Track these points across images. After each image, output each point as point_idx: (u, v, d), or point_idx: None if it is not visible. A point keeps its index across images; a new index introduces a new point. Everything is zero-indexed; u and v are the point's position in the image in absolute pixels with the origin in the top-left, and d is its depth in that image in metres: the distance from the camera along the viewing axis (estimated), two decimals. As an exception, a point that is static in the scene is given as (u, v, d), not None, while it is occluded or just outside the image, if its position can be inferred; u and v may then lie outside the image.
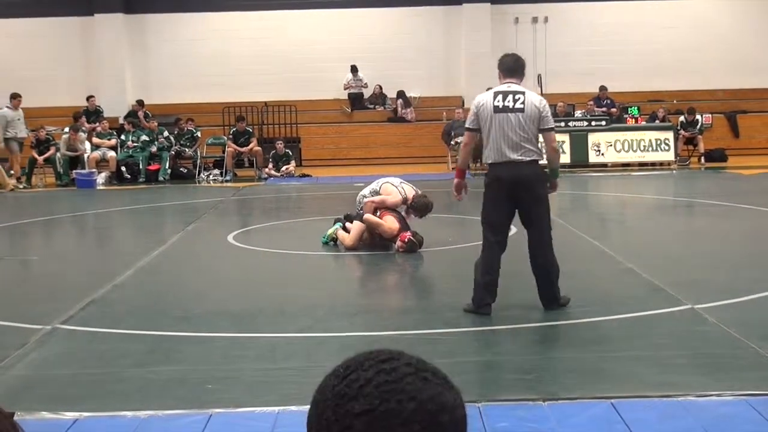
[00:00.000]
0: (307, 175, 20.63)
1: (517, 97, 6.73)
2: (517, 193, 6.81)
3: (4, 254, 10.78)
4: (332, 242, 10.25)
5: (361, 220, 9.94)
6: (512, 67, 6.95)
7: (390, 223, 9.80)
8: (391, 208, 10.02)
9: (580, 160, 20.36)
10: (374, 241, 10.04)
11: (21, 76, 24.28)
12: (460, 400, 1.22)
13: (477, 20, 24.73)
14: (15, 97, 20.12)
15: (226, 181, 20.03)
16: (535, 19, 25.20)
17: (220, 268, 9.54)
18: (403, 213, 10.08)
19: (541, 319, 6.65)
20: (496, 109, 6.72)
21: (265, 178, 20.14)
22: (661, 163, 20.69)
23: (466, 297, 6.92)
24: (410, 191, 10.09)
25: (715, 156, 21.56)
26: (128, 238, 12.78)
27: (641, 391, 4.99)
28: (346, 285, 8.77)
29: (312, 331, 6.48)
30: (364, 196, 10.23)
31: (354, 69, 24.59)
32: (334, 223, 10.44)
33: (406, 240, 9.61)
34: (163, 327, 6.70)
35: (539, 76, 22.68)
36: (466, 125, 7.06)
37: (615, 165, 20.57)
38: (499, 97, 6.76)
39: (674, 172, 19.94)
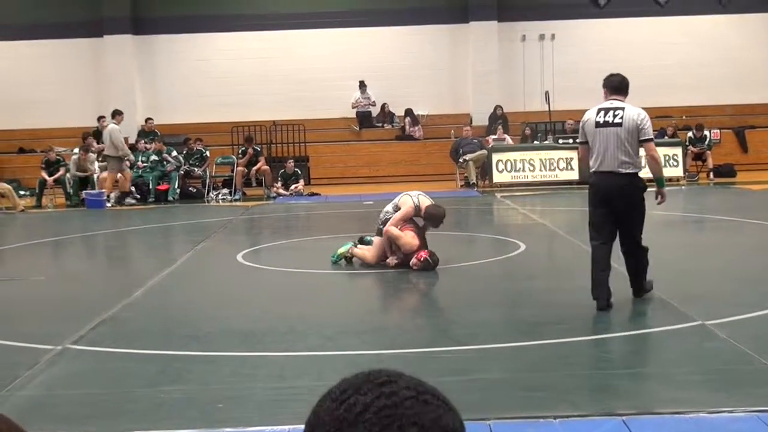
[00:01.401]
0: (316, 194, 20.67)
1: (617, 112, 7.41)
2: (611, 200, 7.40)
3: (15, 275, 10.81)
4: (343, 261, 10.23)
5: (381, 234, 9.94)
6: (617, 86, 7.65)
7: (410, 238, 9.74)
8: (410, 223, 9.94)
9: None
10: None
11: (31, 97, 24.52)
12: (460, 422, 1.19)
13: (484, 38, 24.82)
14: (119, 113, 20.24)
15: (236, 200, 20.08)
16: (542, 36, 25.27)
17: (230, 287, 9.55)
18: (420, 224, 10.02)
19: (550, 335, 6.63)
20: (598, 125, 7.41)
21: (274, 197, 20.18)
22: (670, 179, 20.64)
23: (474, 314, 6.92)
24: (425, 201, 10.03)
25: (724, 171, 21.53)
26: (138, 257, 12.81)
27: (652, 407, 4.98)
28: (355, 303, 8.76)
29: (322, 350, 6.48)
30: (387, 212, 10.17)
31: (362, 85, 24.67)
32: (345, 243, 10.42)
33: (422, 258, 9.57)
34: (174, 347, 6.71)
35: (546, 93, 22.72)
36: (579, 138, 7.81)
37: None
38: (602, 113, 7.44)
39: (683, 187, 19.92)
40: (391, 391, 1.16)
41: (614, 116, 7.38)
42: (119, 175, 20.02)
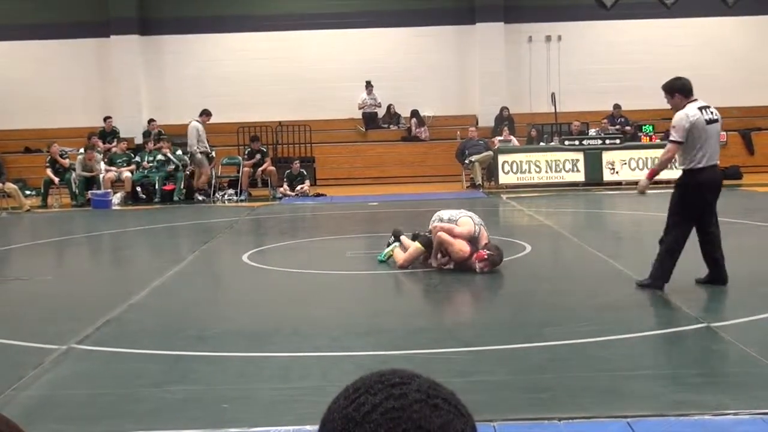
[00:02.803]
0: (322, 195, 20.68)
1: (711, 110, 8.12)
2: (713, 193, 8.18)
3: (21, 274, 10.84)
4: (389, 259, 10.14)
5: (421, 242, 9.79)
6: (690, 87, 8.25)
7: (461, 245, 9.58)
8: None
9: (595, 179, 20.33)
10: (428, 263, 9.88)
11: (38, 97, 24.58)
12: (472, 428, 1.18)
13: (490, 39, 24.81)
14: (207, 113, 20.72)
15: (241, 200, 20.10)
16: (548, 38, 25.26)
17: (236, 287, 9.56)
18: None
19: (555, 337, 6.63)
20: (708, 122, 7.99)
21: (280, 198, 20.19)
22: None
23: (480, 315, 6.91)
24: (484, 233, 9.69)
25: (730, 173, 21.45)
26: (144, 257, 12.83)
27: (658, 409, 4.97)
28: (361, 304, 8.76)
29: (327, 351, 6.48)
30: (441, 219, 9.83)
31: (368, 86, 24.68)
32: (393, 242, 10.34)
33: (486, 256, 9.33)
34: (179, 347, 6.71)
35: (553, 95, 22.72)
36: (677, 138, 8.04)
37: (629, 183, 20.50)
38: (704, 111, 8.04)
39: (689, 189, 19.84)
40: (401, 393, 1.16)
41: (712, 113, 8.09)
42: (127, 173, 20.14)
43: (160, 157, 20.77)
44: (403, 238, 10.28)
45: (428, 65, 25.19)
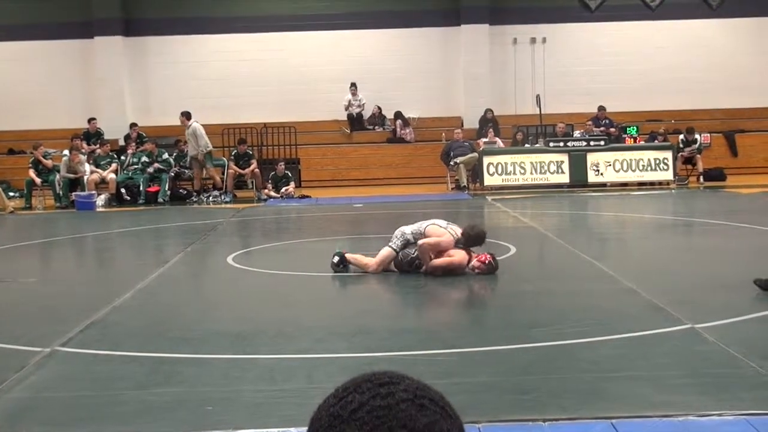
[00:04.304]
0: (307, 196, 20.66)
1: None
2: None
3: (3, 276, 10.77)
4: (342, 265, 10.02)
5: (419, 266, 9.57)
6: None
7: (459, 256, 9.38)
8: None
9: (579, 180, 20.40)
10: (402, 268, 9.78)
11: (21, 98, 24.47)
12: (458, 429, 1.19)
13: (475, 41, 24.85)
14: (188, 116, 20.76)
15: (226, 202, 20.05)
16: (533, 40, 25.32)
17: (220, 289, 9.53)
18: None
19: (540, 338, 6.64)
20: None
21: (265, 200, 20.16)
22: (660, 183, 20.73)
23: (464, 317, 6.92)
24: (458, 229, 9.60)
25: (714, 175, 21.61)
26: (128, 259, 12.78)
27: (641, 410, 4.98)
28: (345, 306, 8.76)
29: (312, 353, 6.47)
30: (404, 234, 9.72)
31: (353, 87, 24.67)
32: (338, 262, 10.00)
33: (486, 261, 9.29)
34: (163, 349, 6.69)
35: (537, 97, 22.76)
36: None
37: (614, 185, 20.61)
38: None
39: (673, 191, 19.97)
40: (388, 392, 1.17)
41: None
42: (111, 175, 20.09)
43: (144, 159, 20.70)
44: (349, 256, 10.00)
45: (413, 67, 25.20)
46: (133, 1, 25.16)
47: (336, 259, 9.93)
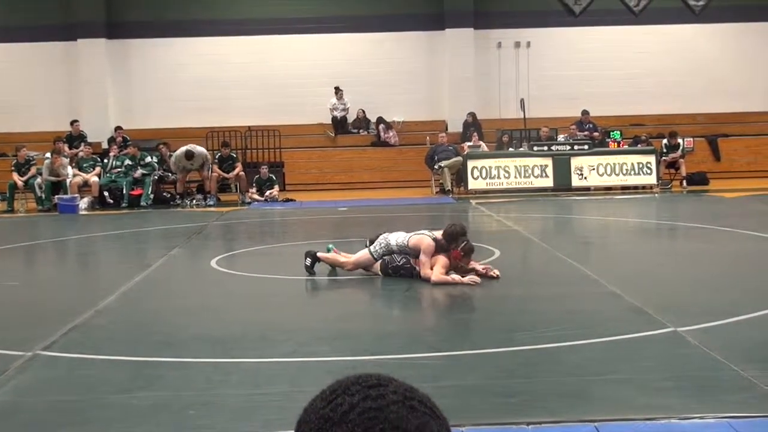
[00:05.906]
0: (291, 200, 20.62)
1: None
2: None
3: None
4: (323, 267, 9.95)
5: (404, 274, 9.49)
6: None
7: (443, 263, 9.29)
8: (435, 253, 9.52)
9: (563, 184, 20.44)
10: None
11: (3, 101, 24.35)
12: (446, 430, 1.20)
13: (460, 45, 24.89)
14: None
15: (210, 205, 19.99)
16: (517, 44, 25.39)
17: (203, 293, 9.50)
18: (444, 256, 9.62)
19: (524, 342, 6.65)
20: None
21: (249, 203, 20.10)
22: (644, 187, 20.80)
23: (448, 320, 6.92)
24: (438, 233, 9.54)
25: (697, 179, 21.70)
26: (111, 263, 12.72)
27: (625, 413, 5.00)
28: (329, 309, 8.73)
29: (295, 356, 6.45)
30: (388, 242, 9.62)
31: (338, 90, 24.66)
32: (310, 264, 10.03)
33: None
34: (146, 353, 6.66)
35: (522, 101, 22.81)
36: None
37: (598, 189, 20.68)
38: None
39: (656, 195, 20.05)
40: (378, 394, 1.18)
41: None
42: (94, 178, 20.01)
43: (127, 162, 20.62)
44: (321, 255, 10.02)
45: (398, 71, 25.21)
46: (116, 3, 25.06)
47: (308, 261, 9.95)
